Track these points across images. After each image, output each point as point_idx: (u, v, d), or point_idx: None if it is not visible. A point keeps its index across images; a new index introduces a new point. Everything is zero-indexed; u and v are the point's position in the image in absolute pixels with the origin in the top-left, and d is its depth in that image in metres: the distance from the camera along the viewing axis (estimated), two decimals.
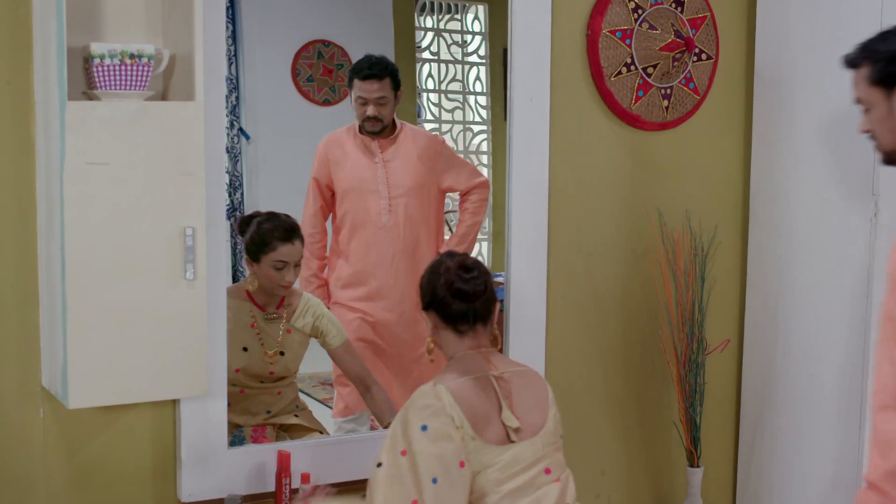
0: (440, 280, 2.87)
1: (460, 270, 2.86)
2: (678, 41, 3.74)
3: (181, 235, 2.78)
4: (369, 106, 3.85)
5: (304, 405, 3.73)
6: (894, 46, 2.54)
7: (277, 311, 3.56)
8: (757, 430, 3.98)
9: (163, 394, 2.90)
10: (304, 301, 3.62)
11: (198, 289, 2.82)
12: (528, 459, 2.80)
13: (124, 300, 2.75)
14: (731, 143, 4.01)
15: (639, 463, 3.93)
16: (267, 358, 3.53)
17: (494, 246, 4.40)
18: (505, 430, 2.80)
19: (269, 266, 3.48)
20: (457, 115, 4.40)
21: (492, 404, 2.81)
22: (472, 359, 2.88)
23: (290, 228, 3.51)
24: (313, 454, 3.32)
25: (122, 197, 2.72)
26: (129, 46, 2.75)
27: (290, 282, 3.52)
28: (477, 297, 2.87)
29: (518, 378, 2.90)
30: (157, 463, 3.13)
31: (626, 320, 3.85)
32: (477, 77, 4.43)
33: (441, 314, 2.89)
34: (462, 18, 4.41)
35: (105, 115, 2.70)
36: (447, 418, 2.72)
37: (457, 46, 4.37)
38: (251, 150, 3.96)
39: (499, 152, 4.39)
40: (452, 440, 2.71)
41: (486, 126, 4.43)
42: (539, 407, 2.89)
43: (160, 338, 2.80)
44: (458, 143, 4.40)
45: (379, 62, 3.88)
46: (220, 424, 3.16)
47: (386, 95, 3.87)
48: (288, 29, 4.07)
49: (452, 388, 2.77)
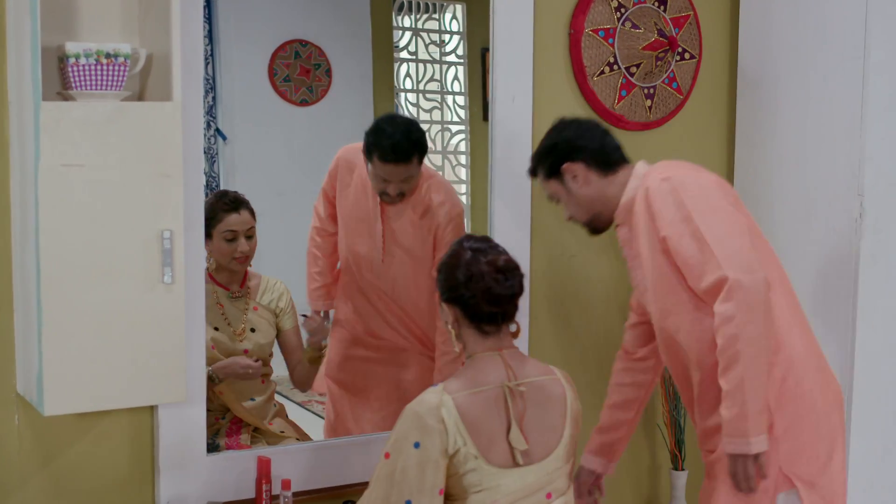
0: (471, 280, 2.68)
1: (498, 274, 2.69)
2: (661, 40, 3.72)
3: (159, 238, 2.73)
4: (391, 185, 3.56)
5: (281, 405, 3.71)
6: (544, 145, 3.11)
7: (241, 290, 3.58)
8: None
9: (140, 400, 2.86)
10: (265, 280, 3.64)
11: (176, 293, 2.77)
12: (531, 487, 2.68)
13: (101, 305, 2.70)
14: (715, 144, 3.98)
15: (623, 466, 3.88)
16: (236, 336, 3.51)
17: None
18: (511, 452, 2.67)
19: (221, 239, 3.50)
20: (435, 115, 4.35)
21: (500, 422, 2.67)
22: (491, 363, 2.72)
23: (236, 199, 3.54)
24: (294, 459, 3.28)
25: (98, 199, 2.68)
26: (104, 46, 2.70)
27: (243, 252, 3.52)
28: (511, 301, 2.74)
29: (537, 392, 2.73)
30: (134, 470, 3.08)
31: (611, 323, 3.82)
32: (455, 77, 4.39)
33: (466, 313, 2.72)
34: (440, 18, 4.37)
35: (80, 115, 2.65)
36: (441, 444, 2.59)
37: (435, 46, 4.33)
38: (228, 150, 3.91)
39: (477, 152, 4.34)
40: (438, 468, 2.60)
41: (465, 126, 4.38)
42: (553, 429, 2.74)
43: (137, 343, 2.75)
44: (437, 144, 4.35)
45: (401, 142, 3.53)
46: (199, 430, 3.12)
47: (413, 174, 3.59)
48: (265, 29, 4.03)
49: (458, 402, 2.62)
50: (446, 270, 2.75)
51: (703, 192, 2.87)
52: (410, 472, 2.59)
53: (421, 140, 3.60)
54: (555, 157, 3.07)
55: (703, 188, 2.89)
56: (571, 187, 3.07)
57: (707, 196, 2.86)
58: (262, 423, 3.56)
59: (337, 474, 3.28)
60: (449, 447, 2.61)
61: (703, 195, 2.86)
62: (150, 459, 3.09)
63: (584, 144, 3.06)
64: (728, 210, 2.86)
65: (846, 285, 3.54)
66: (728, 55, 3.98)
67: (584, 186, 3.06)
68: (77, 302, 2.68)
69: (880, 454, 3.63)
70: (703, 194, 2.86)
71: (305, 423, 3.78)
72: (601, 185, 3.05)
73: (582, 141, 3.06)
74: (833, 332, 3.59)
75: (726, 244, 2.77)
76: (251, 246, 3.55)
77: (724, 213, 2.85)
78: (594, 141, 3.07)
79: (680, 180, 2.89)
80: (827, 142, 3.61)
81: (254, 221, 3.56)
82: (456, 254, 2.76)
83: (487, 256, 2.72)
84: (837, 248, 3.57)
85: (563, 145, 3.07)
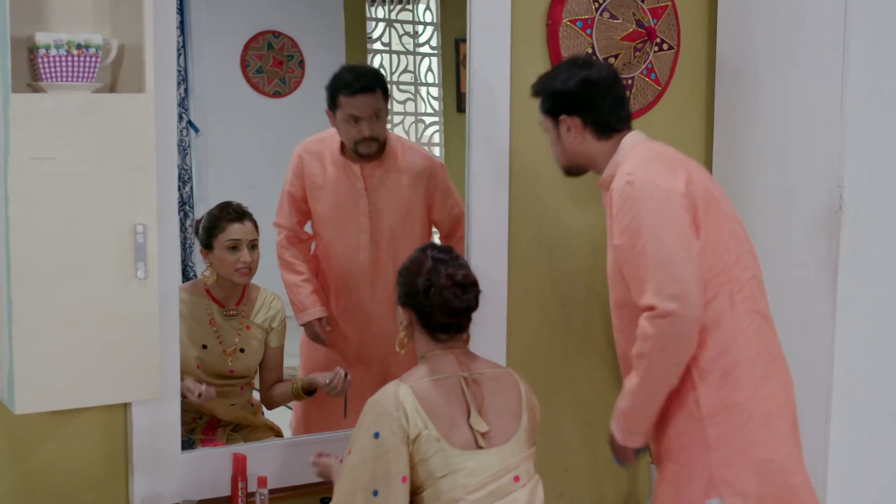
0: (430, 290, 2.76)
1: (455, 288, 2.76)
2: (640, 31, 3.69)
3: (132, 233, 2.70)
4: (363, 124, 3.56)
5: (258, 403, 3.66)
6: (555, 83, 3.00)
7: (237, 308, 3.52)
8: None
9: (114, 397, 2.82)
10: (262, 296, 3.58)
11: (149, 288, 2.74)
12: (495, 467, 2.72)
13: (73, 301, 2.66)
14: (693, 135, 3.96)
15: (602, 461, 3.87)
16: (226, 356, 3.46)
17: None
18: (473, 435, 2.72)
19: (223, 249, 3.45)
20: (409, 106, 4.37)
21: (459, 407, 2.74)
22: (444, 358, 2.80)
23: (239, 209, 3.50)
24: (269, 456, 3.25)
25: (69, 193, 2.64)
26: (75, 36, 2.67)
27: (246, 263, 3.47)
28: (466, 314, 2.81)
29: (491, 382, 2.82)
30: (108, 468, 3.04)
31: (589, 316, 3.80)
32: (429, 68, 4.41)
33: (421, 319, 2.80)
34: (413, 9, 4.39)
35: (51, 108, 2.61)
36: (401, 431, 2.64)
37: (408, 37, 4.35)
38: (200, 142, 3.90)
39: (451, 144, 4.37)
40: (400, 456, 2.64)
41: (438, 118, 4.40)
42: (511, 413, 2.81)
43: (111, 339, 2.71)
44: (411, 135, 4.37)
45: (367, 72, 3.64)
46: (174, 428, 3.08)
47: (382, 108, 3.61)
48: (237, 19, 4.03)
49: (416, 389, 2.70)
50: (407, 275, 2.83)
51: (662, 205, 2.77)
52: (370, 463, 2.64)
53: (380, 74, 3.73)
54: (555, 103, 3.00)
55: (664, 201, 2.78)
56: (563, 136, 3.01)
57: (664, 210, 2.77)
58: (247, 419, 3.52)
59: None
60: (410, 432, 2.65)
61: (660, 209, 2.77)
62: (123, 457, 3.05)
63: (590, 104, 2.97)
64: (681, 231, 2.76)
65: (826, 278, 3.52)
66: (707, 46, 3.95)
67: (576, 141, 3.00)
68: (49, 298, 2.64)
69: (861, 448, 3.62)
70: (660, 208, 2.77)
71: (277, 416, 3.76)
72: (592, 146, 2.99)
73: (588, 99, 2.97)
74: (813, 324, 3.57)
75: (668, 270, 2.71)
76: (254, 257, 3.50)
77: (677, 234, 2.75)
78: (601, 103, 2.97)
79: (642, 187, 2.79)
80: (806, 134, 3.59)
81: (257, 234, 3.52)
82: (418, 261, 2.82)
83: (448, 269, 2.79)
84: (817, 241, 3.55)
85: (568, 97, 2.98)
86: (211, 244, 3.46)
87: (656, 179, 2.82)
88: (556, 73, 3.04)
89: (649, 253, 2.73)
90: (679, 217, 2.77)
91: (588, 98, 2.96)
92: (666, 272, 2.70)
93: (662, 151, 2.98)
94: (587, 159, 3.03)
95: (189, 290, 3.41)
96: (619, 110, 3.00)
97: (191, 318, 3.25)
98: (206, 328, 3.46)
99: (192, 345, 3.37)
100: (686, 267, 2.71)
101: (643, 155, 2.94)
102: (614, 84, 3.02)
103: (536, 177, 3.64)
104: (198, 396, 3.30)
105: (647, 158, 2.92)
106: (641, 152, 2.95)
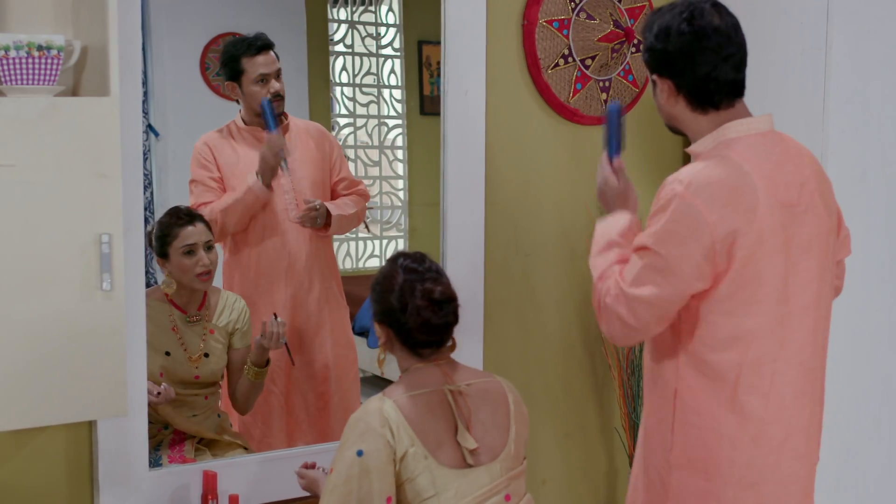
0: (406, 309, 2.63)
1: (433, 306, 2.63)
2: (617, 31, 3.62)
3: (96, 242, 2.59)
4: (271, 82, 3.61)
5: (225, 413, 3.57)
6: (649, 39, 2.56)
7: (199, 313, 3.44)
8: None
9: (79, 415, 2.71)
10: (223, 298, 3.51)
11: (115, 300, 2.63)
12: (485, 486, 2.62)
13: (35, 314, 2.56)
14: (671, 138, 3.88)
15: (580, 471, 3.84)
16: (191, 363, 3.37)
17: (411, 243, 4.37)
18: (461, 452, 2.61)
19: (179, 255, 3.38)
20: (371, 109, 4.33)
21: (446, 422, 2.63)
22: (428, 371, 2.68)
23: (189, 212, 3.44)
24: (241, 473, 3.18)
25: (30, 202, 2.54)
26: (36, 37, 2.57)
27: (204, 266, 3.40)
28: (446, 330, 2.69)
29: (478, 393, 2.70)
30: (72, 487, 2.96)
31: (566, 323, 3.75)
32: (392, 70, 4.38)
33: (400, 337, 2.68)
34: (376, 10, 4.35)
35: (10, 112, 2.51)
36: (388, 448, 2.54)
37: (371, 39, 4.31)
38: (160, 147, 3.83)
39: (414, 147, 4.35)
40: (385, 475, 2.53)
41: (402, 120, 4.37)
42: (499, 427, 2.70)
43: (75, 355, 2.61)
44: (374, 138, 4.33)
45: (259, 34, 3.67)
46: (141, 445, 3.00)
47: (280, 68, 3.66)
48: (196, 21, 3.97)
49: (401, 404, 2.59)
50: (379, 292, 2.70)
51: (681, 227, 2.42)
52: (354, 481, 2.53)
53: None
54: (647, 60, 2.57)
55: (689, 222, 2.41)
56: (657, 94, 2.59)
57: (679, 233, 2.42)
58: (209, 434, 3.42)
59: (288, 487, 3.15)
60: (397, 450, 2.55)
61: (677, 230, 2.43)
62: (88, 476, 2.97)
63: (686, 69, 2.50)
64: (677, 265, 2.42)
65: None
66: None
67: (668, 104, 2.57)
68: (9, 311, 2.54)
69: (844, 454, 3.58)
70: (677, 230, 2.42)
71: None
72: (685, 115, 2.56)
73: (686, 63, 2.49)
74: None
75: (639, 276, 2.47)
76: (212, 258, 3.43)
77: (675, 258, 2.43)
78: (701, 69, 2.49)
79: (686, 202, 2.41)
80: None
81: (211, 234, 3.45)
82: (390, 275, 2.69)
83: (423, 284, 2.65)
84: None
85: (662, 56, 2.52)
86: (166, 252, 3.39)
87: (703, 205, 2.41)
88: (657, 19, 2.55)
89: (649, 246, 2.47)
90: (692, 247, 2.43)
91: (686, 58, 2.50)
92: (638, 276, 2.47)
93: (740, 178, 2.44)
94: (681, 124, 2.60)
95: (151, 297, 3.32)
96: (726, 79, 2.51)
97: (153, 325, 3.16)
98: (168, 335, 3.38)
99: (155, 352, 3.29)
100: (657, 281, 2.45)
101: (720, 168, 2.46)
102: (726, 44, 2.51)
103: (512, 182, 3.59)
104: (156, 395, 3.22)
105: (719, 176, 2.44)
106: (722, 162, 2.47)
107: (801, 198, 2.51)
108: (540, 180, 3.64)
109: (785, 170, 2.51)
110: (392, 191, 4.35)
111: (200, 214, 3.45)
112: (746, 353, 2.46)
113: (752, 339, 2.46)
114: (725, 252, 2.41)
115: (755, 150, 2.50)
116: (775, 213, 2.45)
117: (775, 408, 2.49)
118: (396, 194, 4.36)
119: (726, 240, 2.40)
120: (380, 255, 4.34)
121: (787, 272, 2.47)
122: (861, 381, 3.61)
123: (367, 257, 4.33)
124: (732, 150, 2.48)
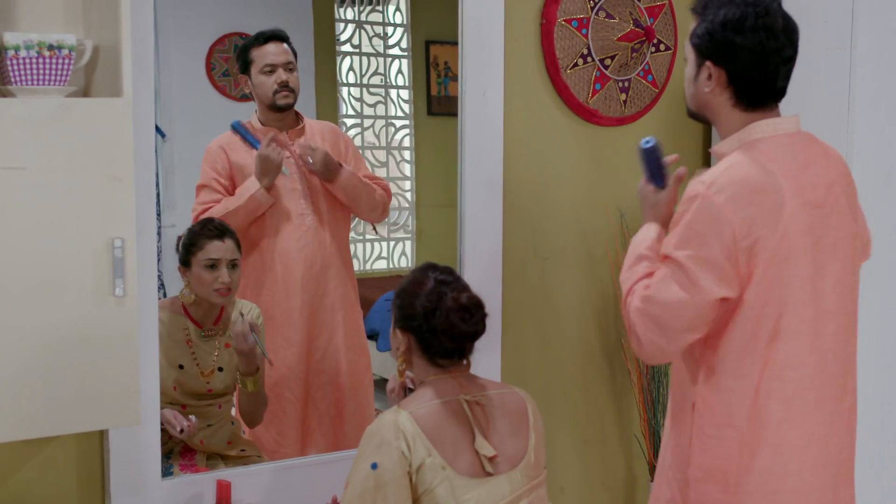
0: (434, 313, 2.60)
1: (462, 311, 2.60)
2: (637, 31, 3.57)
3: (109, 247, 2.54)
4: (279, 71, 3.61)
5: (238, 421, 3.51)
6: (713, 24, 2.45)
7: (214, 328, 3.38)
8: None
9: (90, 424, 2.66)
10: (237, 307, 3.45)
11: (128, 306, 2.58)
12: (507, 496, 2.57)
13: (45, 321, 2.51)
14: (691, 138, 3.87)
15: (599, 479, 3.79)
16: (203, 378, 3.32)
17: (418, 244, 4.36)
18: (479, 461, 2.57)
19: (201, 268, 3.33)
20: (379, 109, 4.32)
21: (463, 431, 2.58)
22: (443, 382, 2.64)
23: (221, 226, 3.39)
24: (256, 481, 3.12)
25: (41, 205, 2.49)
26: (47, 37, 2.54)
27: (224, 283, 3.35)
28: (473, 339, 2.65)
29: (496, 403, 2.66)
30: (83, 497, 2.91)
31: (585, 328, 3.70)
32: (399, 70, 4.36)
33: (421, 344, 2.64)
34: (383, 10, 4.33)
35: (21, 113, 2.46)
36: (403, 461, 2.50)
37: (378, 39, 4.30)
38: (167, 148, 3.81)
39: (422, 147, 4.34)
40: (401, 488, 2.49)
41: (409, 121, 4.36)
42: (518, 437, 2.66)
43: (87, 362, 2.55)
44: (381, 139, 4.32)
45: (272, 28, 3.68)
46: (153, 454, 2.95)
47: (292, 61, 3.65)
48: (203, 21, 3.98)
49: (417, 415, 2.55)
50: (405, 297, 2.67)
51: (702, 226, 2.37)
52: (368, 495, 2.49)
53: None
54: (703, 44, 2.47)
55: (710, 221, 2.36)
56: (701, 80, 2.49)
57: (701, 232, 2.38)
58: (220, 449, 3.37)
59: (304, 496, 3.12)
60: (413, 461, 2.51)
61: (698, 229, 2.38)
62: (100, 485, 2.92)
63: (749, 65, 2.43)
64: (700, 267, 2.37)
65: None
66: None
67: (711, 93, 2.49)
68: (20, 318, 2.49)
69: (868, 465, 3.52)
70: (699, 230, 2.38)
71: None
72: (724, 106, 2.49)
73: (751, 59, 2.42)
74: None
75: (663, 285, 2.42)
76: (234, 278, 3.38)
77: (692, 259, 2.38)
78: (766, 69, 2.43)
79: (708, 201, 2.36)
80: None
81: (239, 253, 3.40)
82: (418, 281, 2.67)
83: (453, 291, 2.63)
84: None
85: (726, 47, 2.43)
86: (189, 261, 3.35)
87: (725, 204, 2.36)
88: (724, 6, 2.46)
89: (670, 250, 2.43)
90: (713, 249, 2.38)
91: (747, 51, 2.42)
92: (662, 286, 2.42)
93: (764, 178, 2.40)
94: (713, 114, 2.53)
95: (165, 308, 3.28)
96: (780, 85, 2.49)
97: (168, 339, 3.13)
98: (182, 348, 3.34)
99: (169, 365, 3.26)
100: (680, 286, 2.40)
101: (743, 168, 2.41)
102: (789, 48, 2.45)
103: (530, 183, 3.54)
104: (179, 432, 3.17)
105: (742, 176, 2.40)
106: (746, 162, 2.42)
107: (827, 199, 2.46)
108: (558, 182, 3.59)
109: (811, 170, 2.46)
110: (399, 192, 4.33)
111: (233, 231, 3.40)
112: (769, 356, 2.41)
113: (776, 342, 2.41)
114: (746, 254, 2.36)
115: (781, 150, 2.46)
116: (802, 213, 2.40)
117: (797, 414, 2.44)
118: (404, 195, 4.34)
119: (748, 240, 2.35)
120: (387, 257, 4.31)
121: (815, 275, 2.42)
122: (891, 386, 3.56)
123: (375, 259, 4.32)
124: (757, 151, 2.44)
